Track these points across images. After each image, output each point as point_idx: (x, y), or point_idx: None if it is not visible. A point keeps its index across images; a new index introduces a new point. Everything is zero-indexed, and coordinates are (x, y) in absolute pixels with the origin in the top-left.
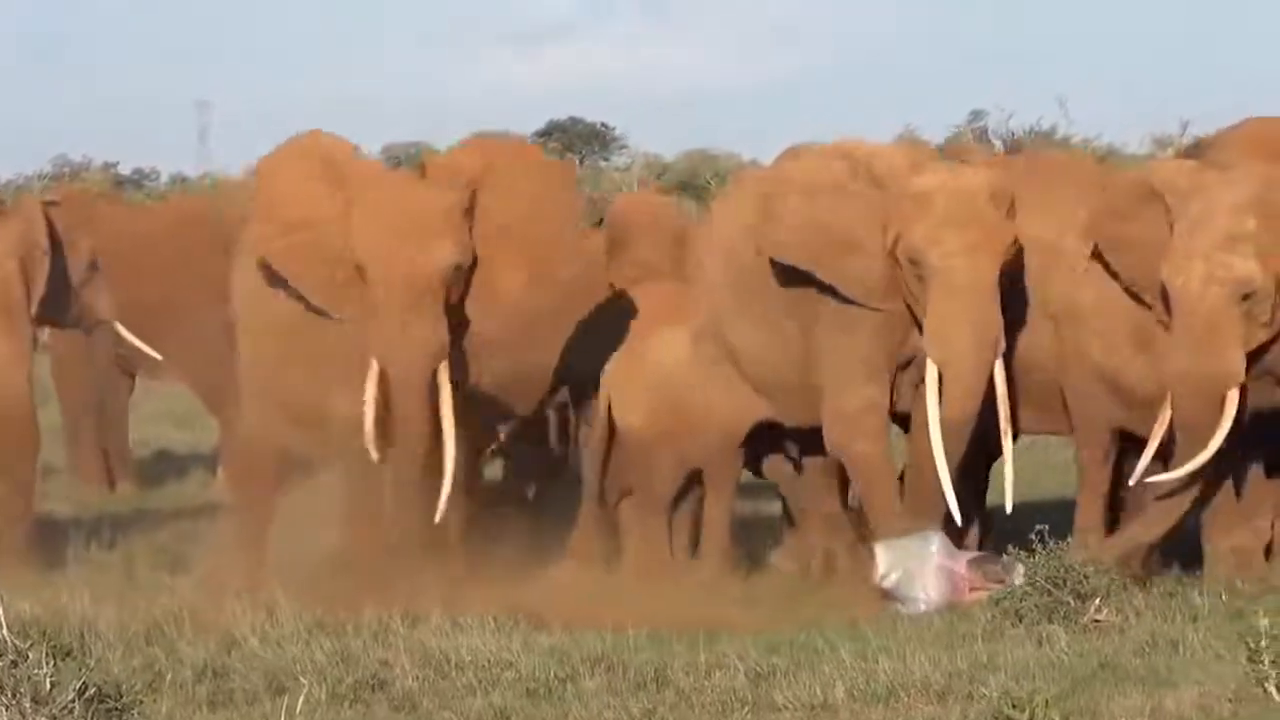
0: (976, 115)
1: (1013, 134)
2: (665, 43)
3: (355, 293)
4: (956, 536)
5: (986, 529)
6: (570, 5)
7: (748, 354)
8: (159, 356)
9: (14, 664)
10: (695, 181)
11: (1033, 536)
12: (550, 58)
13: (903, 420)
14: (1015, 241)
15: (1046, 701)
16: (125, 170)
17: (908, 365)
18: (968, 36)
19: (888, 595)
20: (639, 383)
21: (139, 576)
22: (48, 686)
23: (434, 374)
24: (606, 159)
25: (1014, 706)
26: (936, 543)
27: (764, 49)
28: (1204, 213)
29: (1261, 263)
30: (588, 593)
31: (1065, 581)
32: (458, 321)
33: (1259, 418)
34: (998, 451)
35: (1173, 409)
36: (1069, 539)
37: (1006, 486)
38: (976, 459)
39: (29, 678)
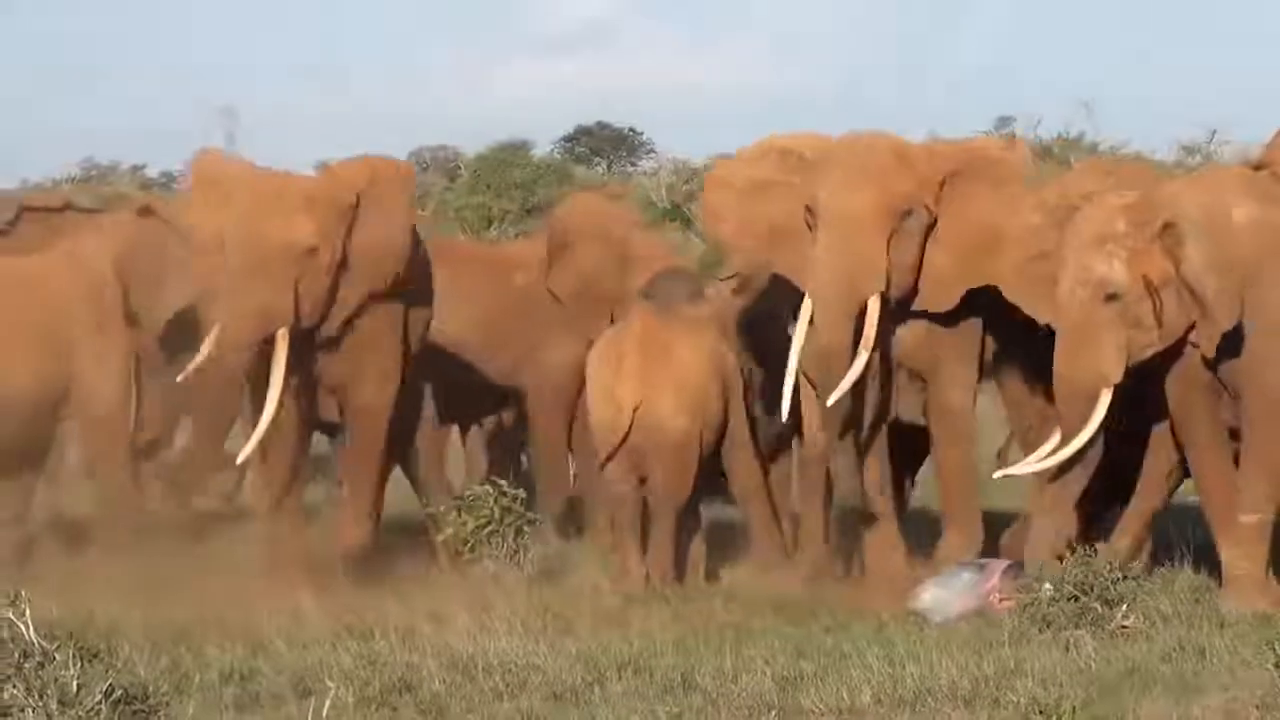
0: (1004, 122)
1: (1040, 140)
2: (694, 48)
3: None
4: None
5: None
6: (599, 11)
7: None
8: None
9: (41, 665)
10: None
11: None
12: (578, 63)
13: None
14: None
15: (1074, 708)
16: (153, 173)
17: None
18: (997, 41)
19: (917, 611)
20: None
21: (166, 578)
22: (74, 688)
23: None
24: (634, 164)
25: (1041, 712)
26: (971, 573)
27: (792, 54)
28: (1082, 218)
29: (1127, 265)
30: None
31: (1093, 588)
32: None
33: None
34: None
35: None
36: (1096, 545)
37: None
38: None
39: (56, 679)
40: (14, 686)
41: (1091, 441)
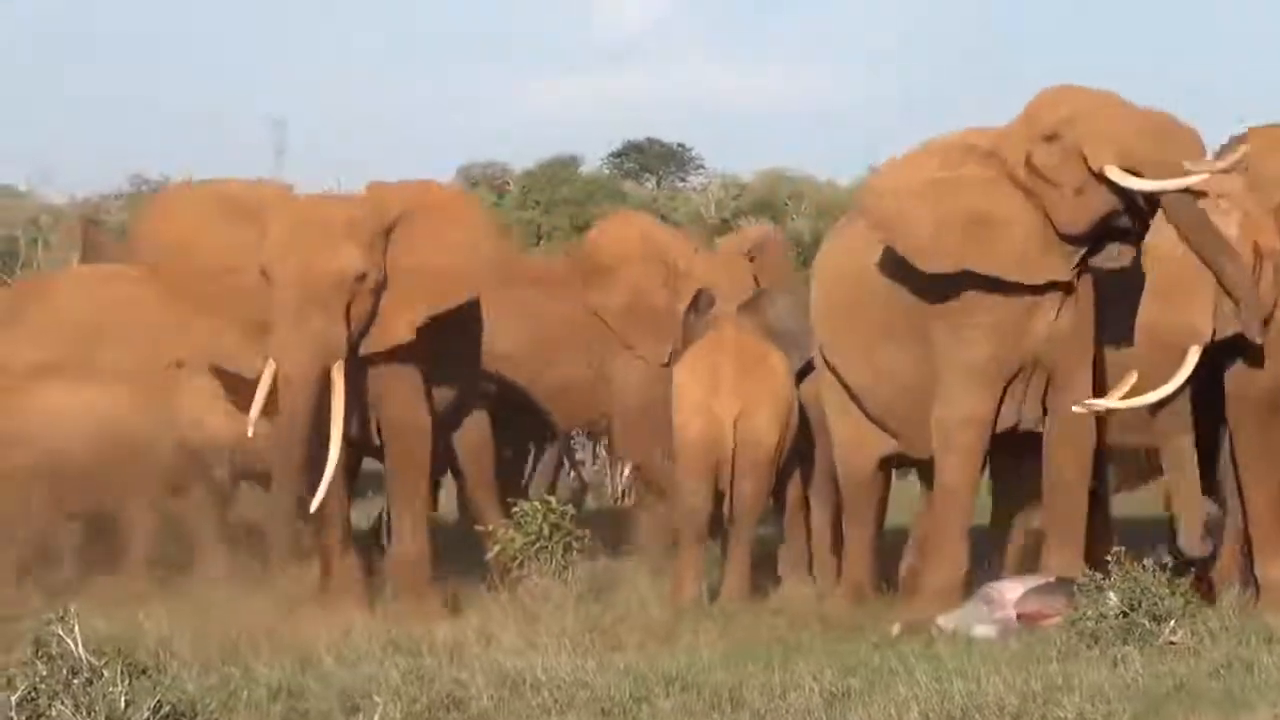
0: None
1: None
2: (744, 63)
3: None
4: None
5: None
6: (648, 26)
7: None
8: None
9: (89, 681)
10: (772, 201)
11: (1109, 558)
12: (628, 78)
13: None
14: None
15: None
16: None
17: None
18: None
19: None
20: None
21: (216, 594)
22: (123, 705)
23: (325, 373)
24: (683, 179)
25: None
26: (989, 596)
27: (843, 69)
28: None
29: (1240, 227)
30: None
31: (1141, 603)
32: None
33: None
34: None
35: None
36: (1144, 560)
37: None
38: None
39: (104, 695)
40: (62, 703)
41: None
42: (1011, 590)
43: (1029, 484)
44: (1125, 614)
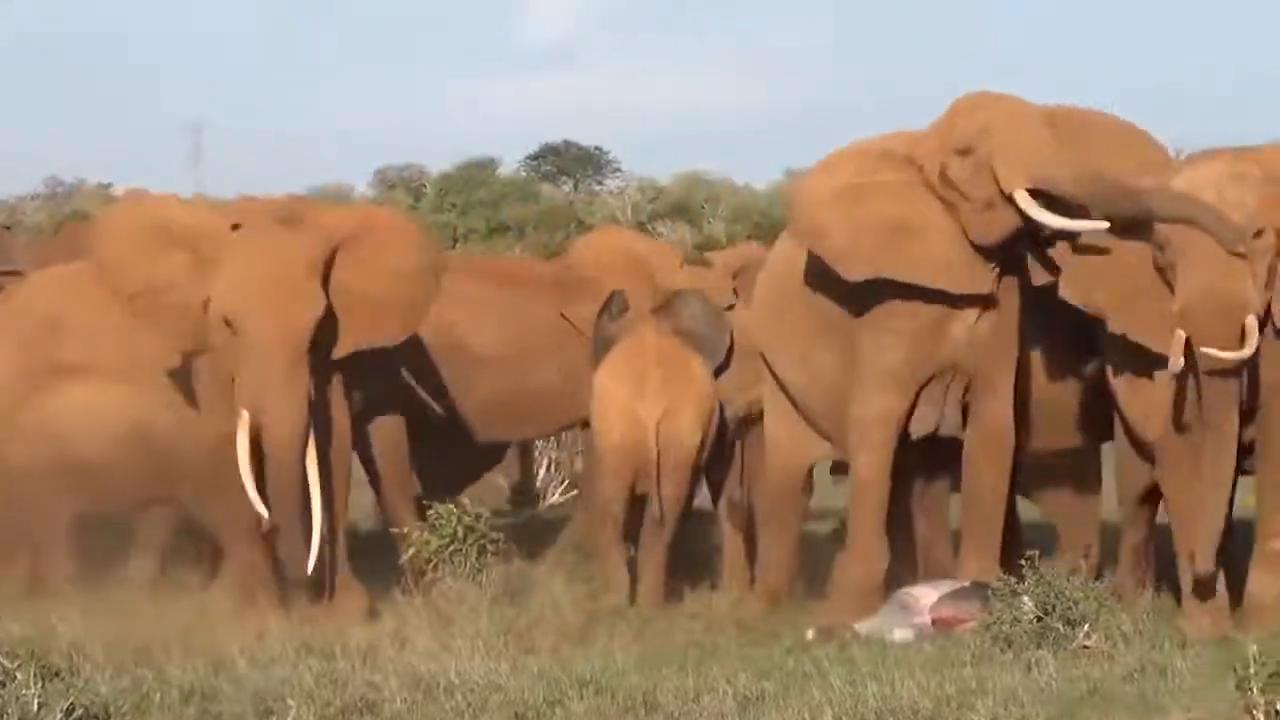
0: None
1: None
2: (660, 68)
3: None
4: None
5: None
6: (566, 30)
7: None
8: None
9: (2, 684)
10: (689, 205)
11: (1022, 562)
12: (545, 82)
13: None
14: None
15: None
16: (118, 192)
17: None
18: (963, 66)
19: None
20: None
21: (129, 598)
22: (35, 707)
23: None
24: (600, 182)
25: None
26: (905, 601)
27: (758, 74)
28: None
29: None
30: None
31: (1055, 608)
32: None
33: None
34: None
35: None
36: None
37: None
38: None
39: (17, 698)
40: None
41: None
42: (926, 595)
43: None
44: (1040, 618)
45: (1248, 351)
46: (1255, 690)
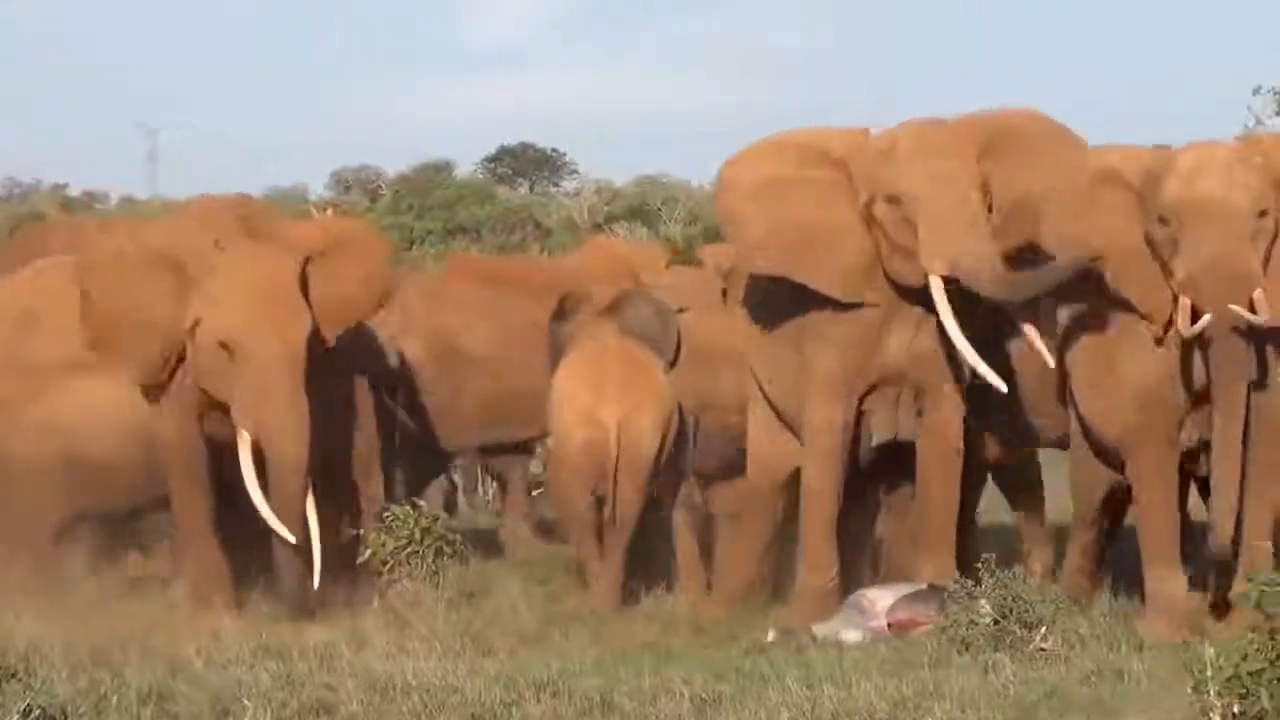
0: None
1: None
2: (617, 70)
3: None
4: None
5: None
6: (523, 32)
7: None
8: None
9: None
10: (645, 207)
11: (979, 565)
12: (502, 84)
13: None
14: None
15: None
16: (74, 193)
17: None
18: (920, 69)
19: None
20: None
21: (86, 599)
22: None
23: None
24: (557, 184)
25: None
26: (861, 604)
27: (714, 76)
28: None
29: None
30: None
31: (1012, 610)
32: None
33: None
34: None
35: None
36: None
37: None
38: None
39: None
40: None
41: None
42: (883, 598)
43: None
44: (997, 621)
45: (1264, 317)
46: (1212, 693)
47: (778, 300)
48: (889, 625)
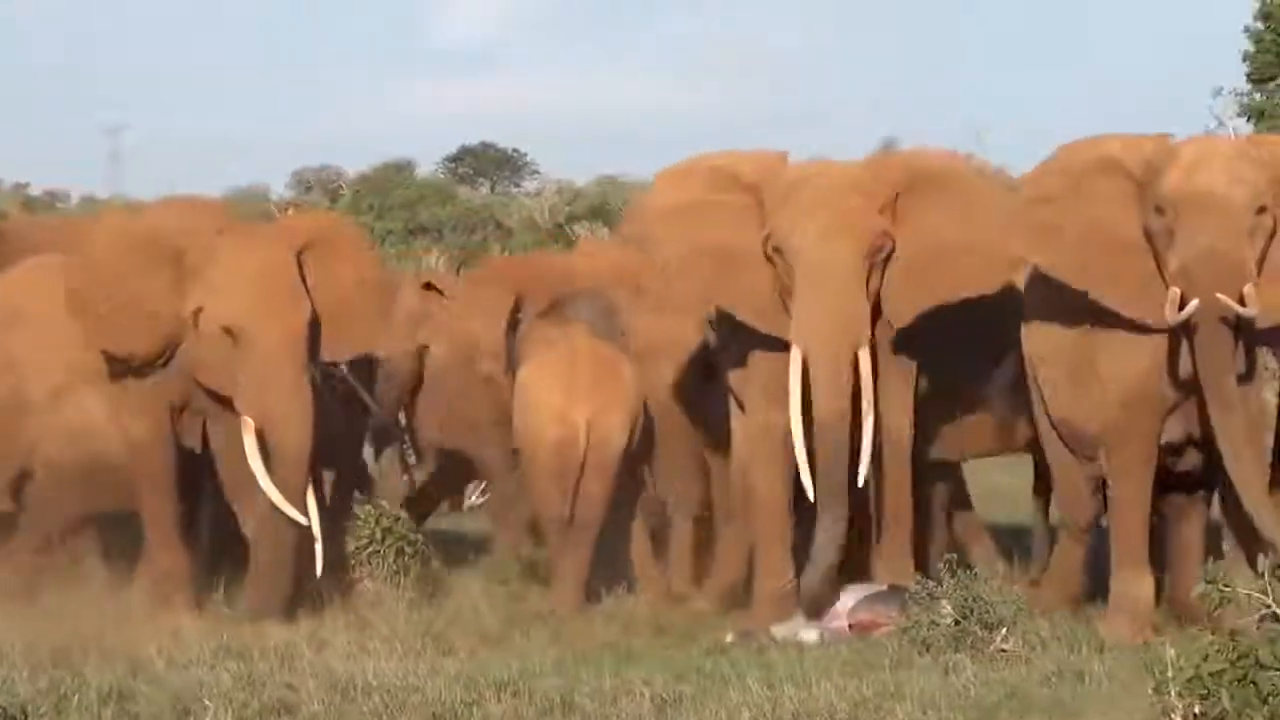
0: (888, 145)
1: None
2: (579, 71)
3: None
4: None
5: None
6: (485, 33)
7: None
8: None
9: None
10: (606, 207)
11: (940, 565)
12: (464, 84)
13: None
14: (881, 231)
15: None
16: (36, 191)
17: None
18: (882, 69)
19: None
20: None
21: (46, 599)
22: None
23: None
24: (518, 185)
25: None
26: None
27: (677, 77)
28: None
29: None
30: None
31: (973, 611)
32: None
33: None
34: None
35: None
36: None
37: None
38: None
39: None
40: None
41: None
42: (844, 600)
43: None
44: (958, 622)
45: (1253, 311)
46: (1173, 694)
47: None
48: (850, 626)
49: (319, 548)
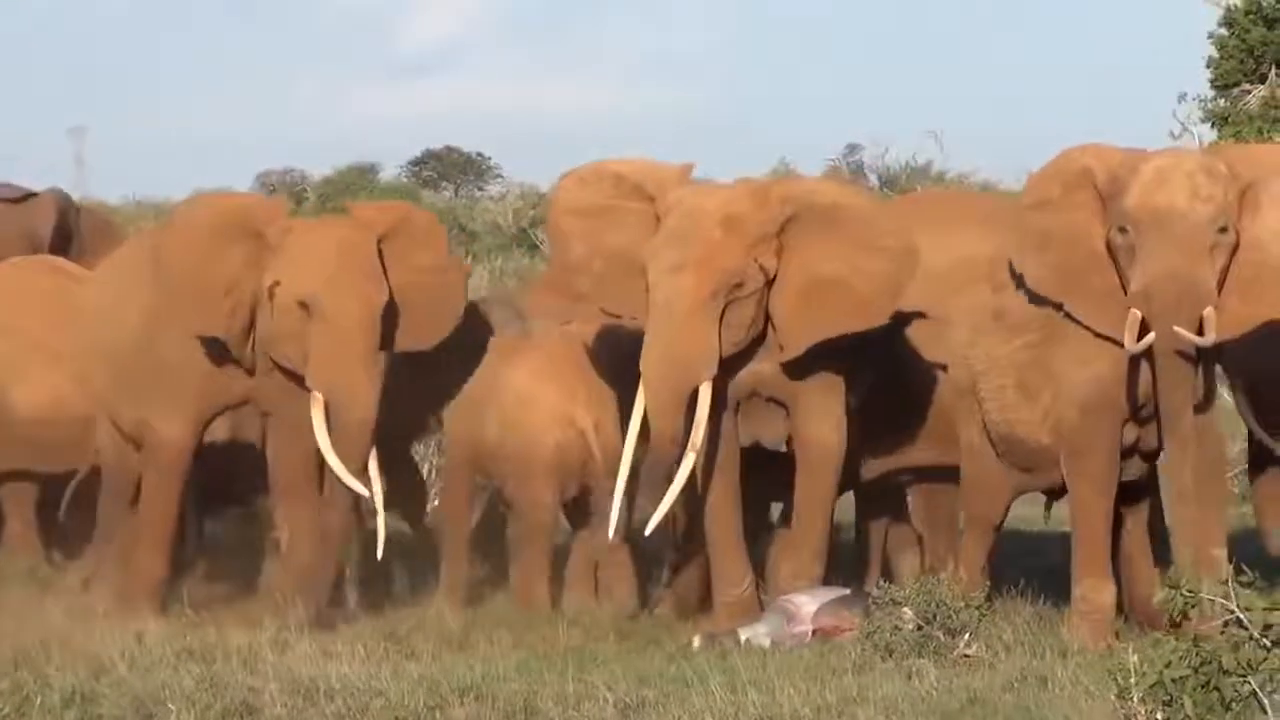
0: (852, 149)
1: (888, 168)
2: (543, 73)
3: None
4: None
5: None
6: (448, 35)
7: None
8: None
9: None
10: None
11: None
12: (427, 87)
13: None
14: (738, 268)
15: None
16: None
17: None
18: (845, 71)
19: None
20: None
21: (8, 600)
22: None
23: None
24: (482, 189)
25: None
26: (782, 611)
27: (642, 80)
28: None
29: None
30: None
31: (935, 616)
32: None
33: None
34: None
35: None
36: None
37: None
38: None
39: None
40: None
41: None
42: (808, 604)
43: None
44: (921, 627)
45: (1211, 339)
46: (1136, 700)
47: None
48: (813, 631)
49: (380, 522)
